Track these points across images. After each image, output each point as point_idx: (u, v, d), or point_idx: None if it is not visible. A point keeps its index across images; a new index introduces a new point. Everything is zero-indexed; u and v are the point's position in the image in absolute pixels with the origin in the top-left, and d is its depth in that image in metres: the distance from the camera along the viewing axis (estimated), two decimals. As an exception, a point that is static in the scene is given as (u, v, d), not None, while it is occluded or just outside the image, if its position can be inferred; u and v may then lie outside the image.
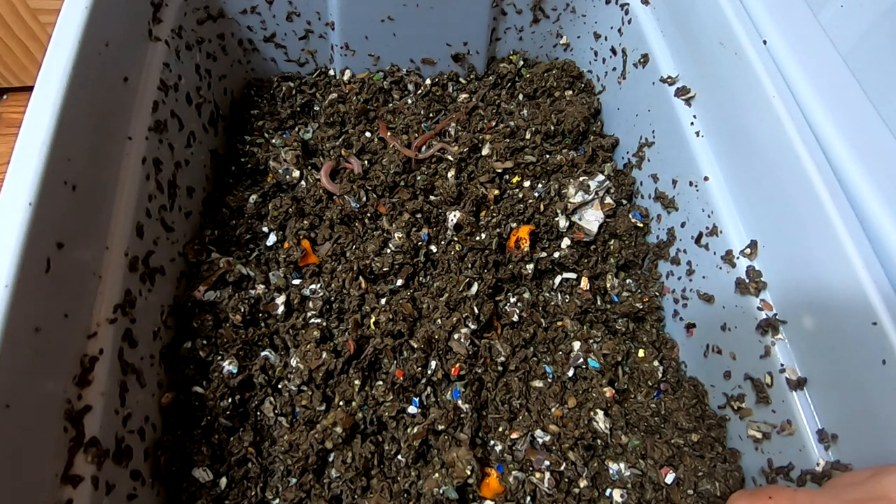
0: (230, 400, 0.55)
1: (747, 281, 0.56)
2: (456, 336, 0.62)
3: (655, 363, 0.64)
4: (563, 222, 0.71)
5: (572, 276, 0.71)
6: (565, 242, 0.71)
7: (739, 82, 0.58)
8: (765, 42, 0.58)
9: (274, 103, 0.83)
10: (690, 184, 0.65)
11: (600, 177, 0.73)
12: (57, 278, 0.42)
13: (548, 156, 0.77)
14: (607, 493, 0.57)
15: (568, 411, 0.61)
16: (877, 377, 0.43)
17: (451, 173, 0.72)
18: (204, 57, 0.72)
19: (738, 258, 0.58)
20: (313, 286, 0.64)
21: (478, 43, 0.85)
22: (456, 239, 0.69)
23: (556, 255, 0.71)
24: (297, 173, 0.73)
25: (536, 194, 0.72)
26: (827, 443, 0.48)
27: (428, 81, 0.86)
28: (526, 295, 0.69)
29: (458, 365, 0.61)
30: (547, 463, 0.57)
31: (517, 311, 0.67)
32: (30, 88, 0.45)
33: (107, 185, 0.51)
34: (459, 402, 0.59)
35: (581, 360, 0.63)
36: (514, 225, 0.70)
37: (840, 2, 0.66)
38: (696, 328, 0.64)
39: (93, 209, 0.48)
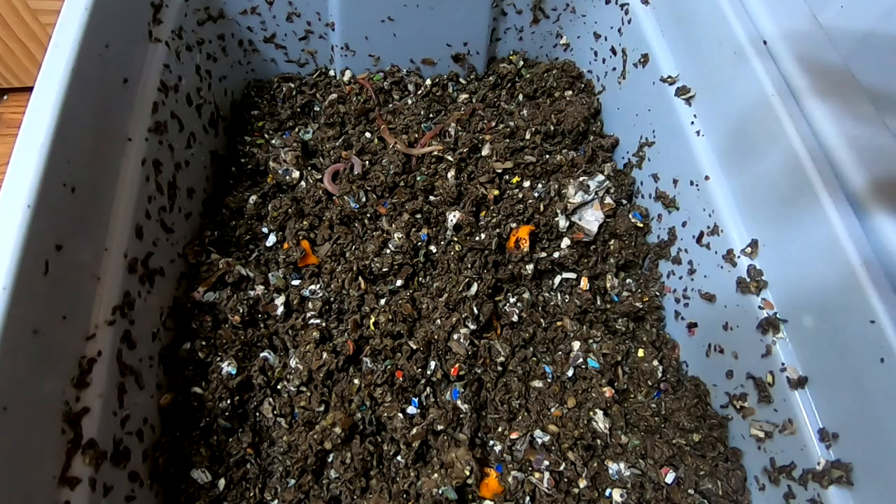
0: (229, 401, 0.55)
1: (748, 280, 0.56)
2: (455, 336, 0.62)
3: (655, 363, 0.64)
4: (562, 222, 0.71)
5: (572, 276, 0.71)
6: (565, 242, 0.71)
7: (739, 81, 0.58)
8: (765, 42, 0.58)
9: (274, 104, 0.83)
10: (691, 183, 0.65)
11: (600, 177, 0.73)
12: (55, 280, 0.42)
13: (548, 156, 0.77)
14: (607, 493, 0.57)
15: (567, 411, 0.61)
16: (875, 375, 0.43)
17: (450, 173, 0.72)
18: (204, 58, 0.72)
19: (739, 257, 0.58)
20: (313, 287, 0.64)
21: (478, 43, 0.85)
22: (456, 239, 0.69)
23: (556, 255, 0.70)
24: (296, 174, 0.73)
25: (536, 194, 0.72)
26: (828, 441, 0.47)
27: (428, 82, 0.86)
28: (525, 295, 0.69)
29: (457, 365, 0.61)
30: (546, 463, 0.57)
31: (517, 312, 0.67)
32: (30, 89, 0.45)
33: (106, 186, 0.51)
34: (459, 402, 0.59)
35: (581, 359, 0.63)
36: (513, 225, 0.70)
37: (840, 2, 0.65)
38: (698, 327, 0.64)
39: (92, 211, 0.48)
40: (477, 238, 0.68)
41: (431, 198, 0.72)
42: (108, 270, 0.49)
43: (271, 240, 0.69)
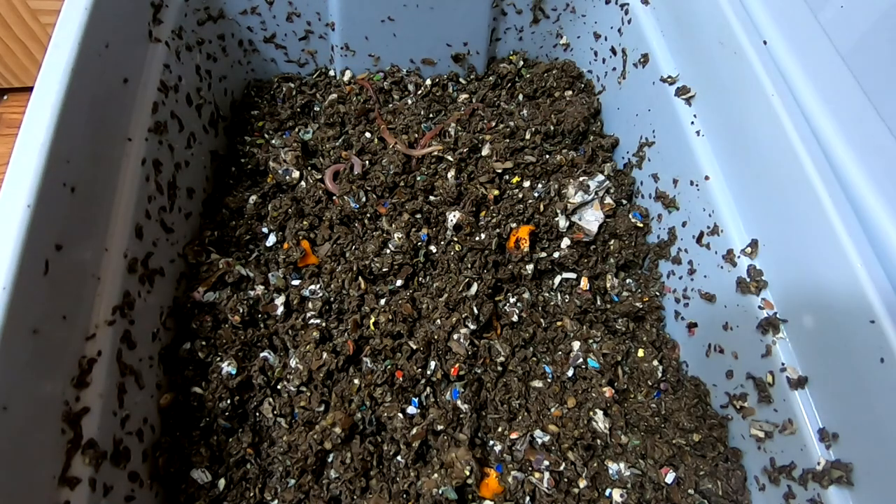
0: (229, 401, 0.55)
1: (748, 280, 0.56)
2: (455, 336, 0.62)
3: (655, 363, 0.64)
4: (562, 222, 0.71)
5: (572, 276, 0.71)
6: (565, 242, 0.71)
7: (739, 81, 0.58)
8: (765, 42, 0.58)
9: (274, 104, 0.83)
10: (691, 183, 0.65)
11: (600, 177, 0.73)
12: (55, 280, 0.42)
13: (548, 156, 0.77)
14: (607, 493, 0.57)
15: (567, 411, 0.61)
16: (875, 375, 0.43)
17: (450, 173, 0.72)
18: (204, 58, 0.72)
19: (739, 257, 0.58)
20: (313, 287, 0.64)
21: (478, 43, 0.85)
22: (456, 239, 0.69)
23: (556, 255, 0.70)
24: (296, 174, 0.73)
25: (536, 194, 0.72)
26: (828, 442, 0.47)
27: (428, 82, 0.86)
28: (525, 295, 0.69)
29: (457, 365, 0.61)
30: (546, 463, 0.57)
31: (517, 312, 0.67)
32: (30, 89, 0.45)
33: (106, 186, 0.51)
34: (459, 402, 0.59)
35: (581, 359, 0.63)
36: (513, 225, 0.70)
37: (840, 2, 0.65)
38: (698, 327, 0.64)
39: (92, 211, 0.48)
40: (477, 238, 0.68)
41: (431, 198, 0.72)
42: (108, 270, 0.49)
43: (271, 240, 0.69)
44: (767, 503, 0.53)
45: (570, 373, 0.63)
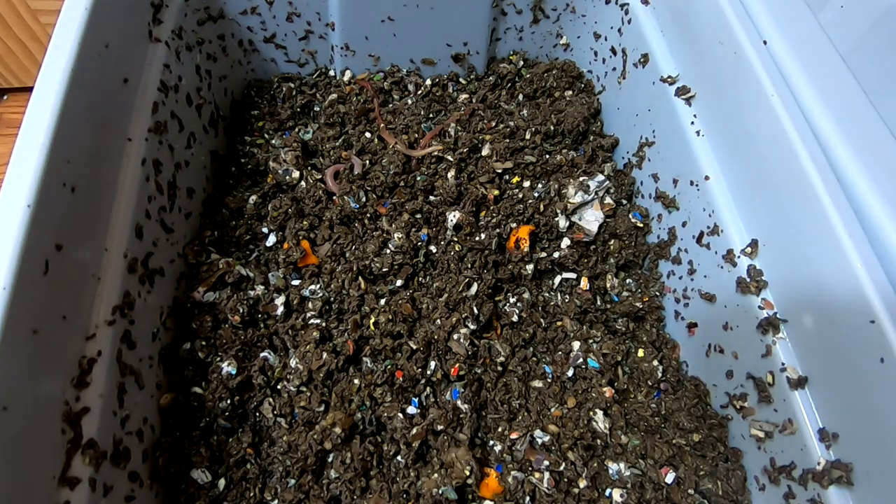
0: (229, 401, 0.55)
1: (748, 280, 0.56)
2: (455, 336, 0.62)
3: (655, 363, 0.64)
4: (562, 222, 0.71)
5: (572, 276, 0.71)
6: (565, 242, 0.71)
7: (739, 81, 0.58)
8: (765, 42, 0.58)
9: (274, 104, 0.83)
10: (691, 183, 0.65)
11: (600, 177, 0.73)
12: (55, 280, 0.42)
13: (548, 156, 0.77)
14: (607, 493, 0.57)
15: (567, 411, 0.61)
16: (875, 375, 0.43)
17: (450, 173, 0.72)
18: (204, 58, 0.72)
19: (739, 257, 0.58)
20: (313, 287, 0.64)
21: (478, 43, 0.85)
22: (456, 239, 0.69)
23: (556, 255, 0.70)
24: (296, 174, 0.73)
25: (536, 194, 0.72)
26: (828, 441, 0.47)
27: (428, 82, 0.86)
28: (525, 295, 0.69)
29: (457, 365, 0.61)
30: (546, 463, 0.57)
31: (517, 312, 0.67)
32: (30, 89, 0.45)
33: (106, 186, 0.51)
34: (459, 402, 0.59)
35: (581, 359, 0.63)
36: (513, 225, 0.70)
37: (840, 2, 0.65)
38: (698, 327, 0.64)
39: (92, 211, 0.48)
40: (477, 238, 0.68)
41: (431, 198, 0.72)
42: (108, 270, 0.49)
43: (271, 240, 0.69)
44: (767, 503, 0.53)
45: (570, 373, 0.63)
